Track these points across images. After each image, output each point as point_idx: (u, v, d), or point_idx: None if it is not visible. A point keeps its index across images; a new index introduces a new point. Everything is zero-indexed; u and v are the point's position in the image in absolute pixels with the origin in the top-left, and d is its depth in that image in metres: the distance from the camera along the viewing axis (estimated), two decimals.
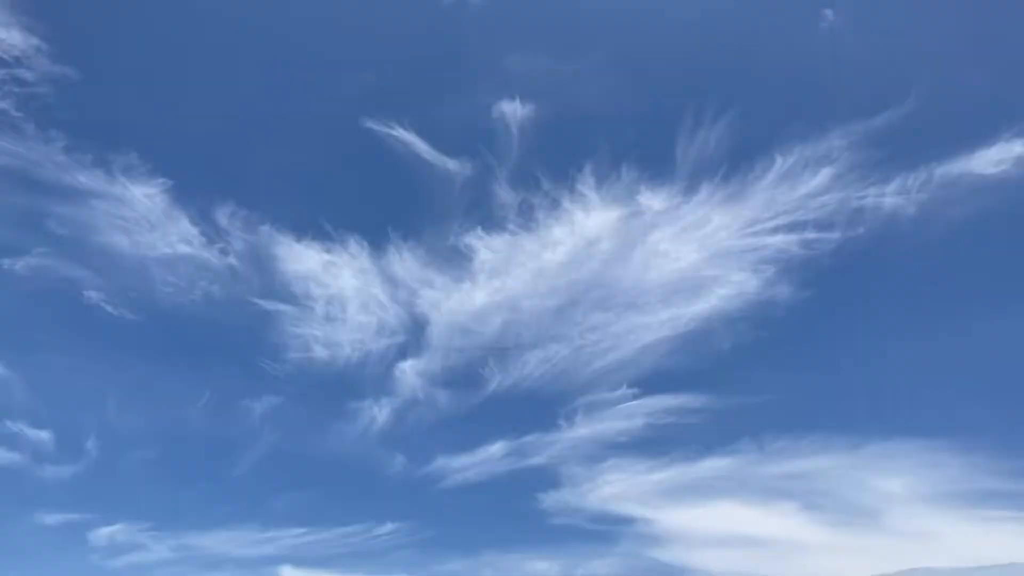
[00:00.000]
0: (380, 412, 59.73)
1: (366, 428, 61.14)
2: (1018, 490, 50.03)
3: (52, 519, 63.51)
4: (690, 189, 52.61)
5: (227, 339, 59.61)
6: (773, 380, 56.02)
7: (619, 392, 56.18)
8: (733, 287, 52.78)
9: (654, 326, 54.97)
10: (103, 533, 64.76)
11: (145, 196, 52.79)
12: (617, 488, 59.27)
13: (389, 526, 63.39)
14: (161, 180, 52.84)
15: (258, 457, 64.06)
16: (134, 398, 61.94)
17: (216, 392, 60.31)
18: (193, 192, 54.42)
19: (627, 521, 59.39)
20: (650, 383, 56.23)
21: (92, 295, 55.03)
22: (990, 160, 47.92)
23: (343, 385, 59.78)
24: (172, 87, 55.37)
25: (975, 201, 49.20)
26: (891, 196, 50.00)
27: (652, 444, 56.97)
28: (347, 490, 69.41)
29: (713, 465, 56.07)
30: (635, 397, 56.66)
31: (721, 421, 55.85)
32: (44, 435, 62.64)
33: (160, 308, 56.57)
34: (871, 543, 54.56)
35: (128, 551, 64.39)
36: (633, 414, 58.16)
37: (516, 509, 64.61)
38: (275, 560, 67.48)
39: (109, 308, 55.28)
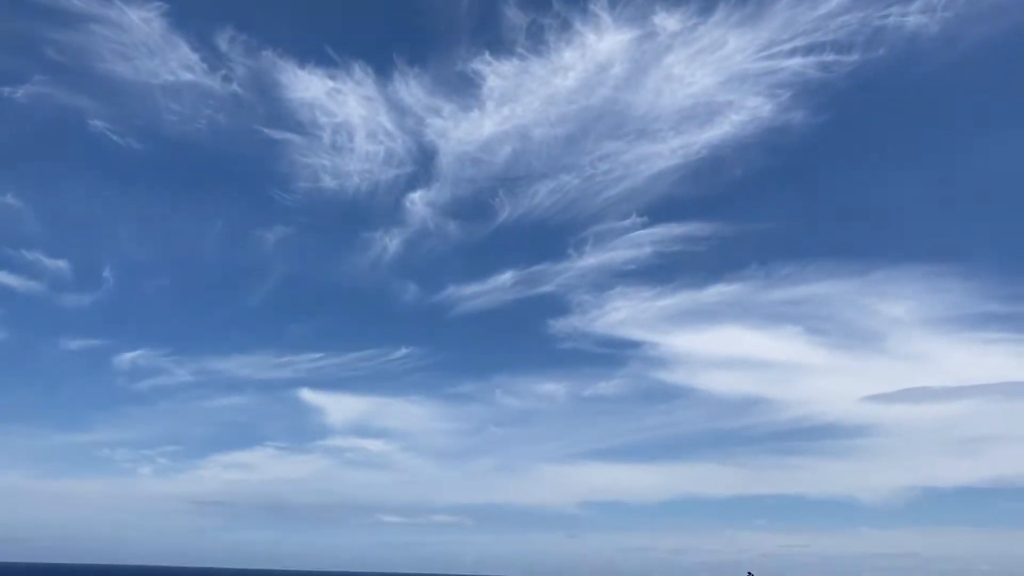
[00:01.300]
0: (391, 242, 60.21)
1: (377, 258, 61.76)
2: (1018, 312, 50.96)
3: (75, 345, 65.54)
4: (706, 9, 50.77)
5: (235, 168, 59.34)
6: (783, 207, 55.97)
7: (628, 221, 56.26)
8: (747, 113, 51.88)
9: (665, 154, 54.37)
10: (126, 358, 66.92)
11: (142, 20, 51.28)
12: (624, 314, 60.39)
13: (403, 351, 65.30)
14: (157, 3, 51.14)
15: (272, 285, 65.20)
16: (147, 228, 62.42)
17: (227, 222, 60.70)
18: (191, 16, 52.85)
19: (633, 345, 60.95)
20: (659, 212, 56.21)
21: (97, 124, 54.45)
22: None
23: (353, 215, 60.00)
24: None
25: (1003, 19, 47.50)
26: (914, 15, 48.32)
27: (659, 272, 57.62)
28: (361, 317, 70.83)
29: (719, 291, 56.92)
30: (644, 226, 56.80)
31: (729, 248, 56.23)
32: (61, 264, 63.60)
33: (166, 137, 56.11)
34: (871, 365, 56.07)
35: (151, 375, 66.74)
36: (641, 243, 58.48)
37: (526, 335, 66.21)
38: (293, 383, 69.84)
39: (115, 137, 54.86)
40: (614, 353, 63.16)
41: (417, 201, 59.79)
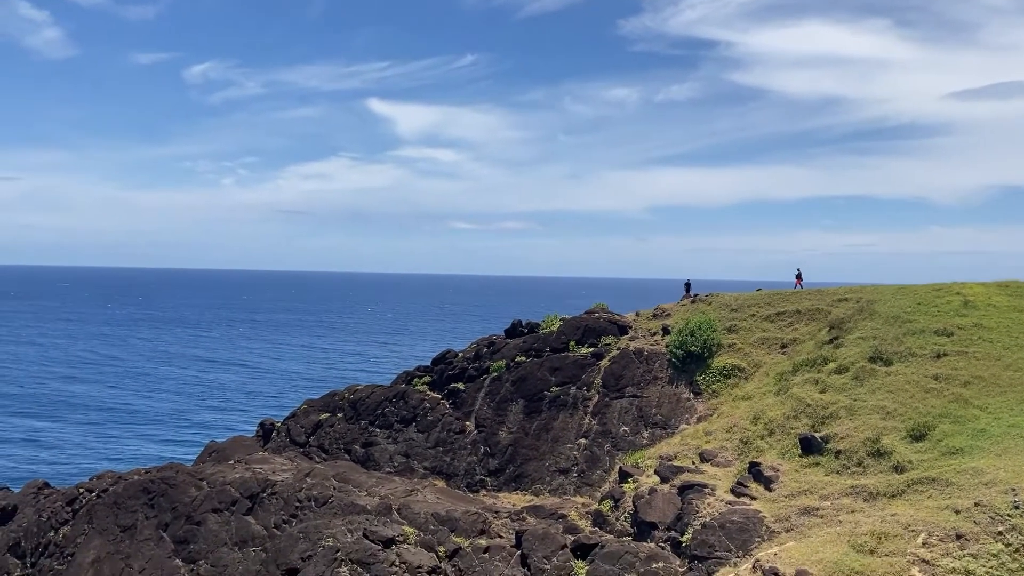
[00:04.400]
0: None
1: None
2: None
3: (145, 59, 65.27)
4: None
5: None
6: None
7: None
8: None
9: None
10: (196, 71, 66.67)
11: None
12: (700, 12, 56.90)
13: (469, 58, 63.38)
14: None
15: None
16: None
17: None
18: None
19: (708, 45, 57.96)
20: None
21: None
22: None
23: None
24: None
25: None
26: None
27: None
28: (423, 23, 68.24)
29: None
30: None
31: None
32: None
33: None
34: (961, 59, 52.73)
35: (222, 87, 66.68)
36: None
37: (596, 37, 63.28)
38: (362, 93, 68.99)
39: None
40: (688, 55, 59.78)
41: None
